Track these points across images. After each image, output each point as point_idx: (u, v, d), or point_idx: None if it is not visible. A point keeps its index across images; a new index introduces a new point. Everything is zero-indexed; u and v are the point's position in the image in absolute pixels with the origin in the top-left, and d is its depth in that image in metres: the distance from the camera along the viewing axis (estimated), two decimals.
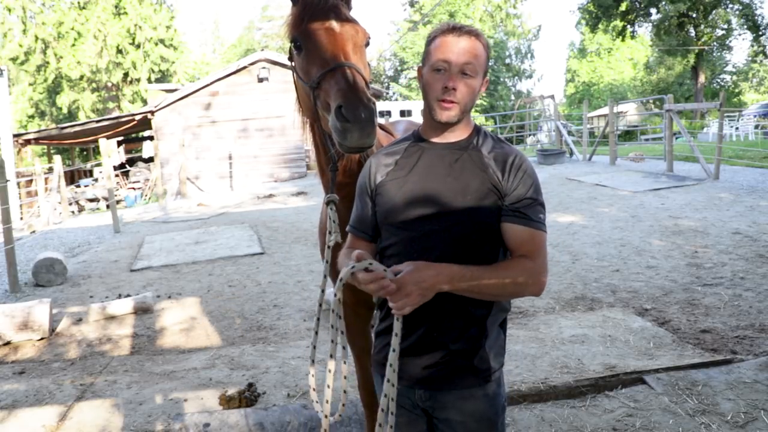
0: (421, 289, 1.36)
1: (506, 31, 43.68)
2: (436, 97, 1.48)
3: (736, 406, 2.92)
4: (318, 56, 1.65)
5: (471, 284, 1.41)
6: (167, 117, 17.59)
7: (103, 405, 3.36)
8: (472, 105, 1.52)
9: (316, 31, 1.66)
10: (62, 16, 31.56)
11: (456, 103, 1.47)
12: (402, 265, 1.40)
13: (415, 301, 1.37)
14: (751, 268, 5.38)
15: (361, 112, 1.47)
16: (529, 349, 3.85)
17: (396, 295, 1.36)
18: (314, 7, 1.68)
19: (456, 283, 1.39)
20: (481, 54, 1.50)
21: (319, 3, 1.68)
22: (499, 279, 1.43)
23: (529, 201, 1.49)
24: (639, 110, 31.33)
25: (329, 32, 1.66)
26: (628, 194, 9.54)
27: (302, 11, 1.70)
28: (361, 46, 1.70)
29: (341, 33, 1.66)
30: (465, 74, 1.47)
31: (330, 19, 1.67)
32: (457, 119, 1.50)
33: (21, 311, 4.65)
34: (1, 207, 6.59)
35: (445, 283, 1.38)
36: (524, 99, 29.03)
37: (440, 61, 1.47)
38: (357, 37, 1.69)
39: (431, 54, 1.50)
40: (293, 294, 5.67)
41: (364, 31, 1.73)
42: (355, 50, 1.66)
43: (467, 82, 1.47)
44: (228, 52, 56.31)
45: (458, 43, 1.47)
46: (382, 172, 1.59)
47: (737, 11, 32.06)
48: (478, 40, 1.50)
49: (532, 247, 1.48)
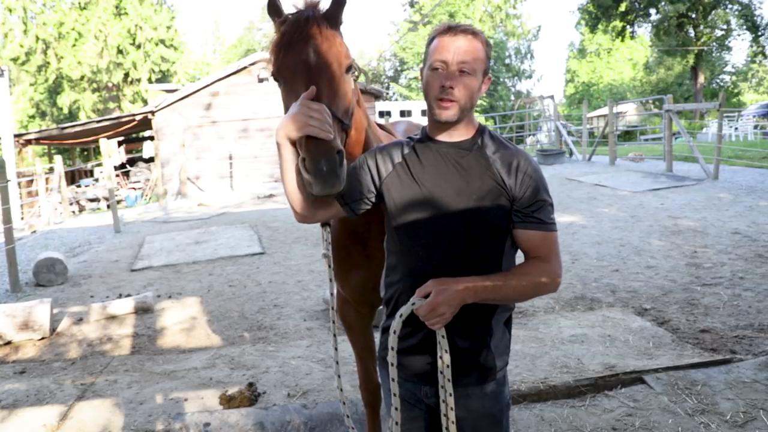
0: (452, 307, 1.43)
1: (506, 32, 43.68)
2: (435, 97, 1.50)
3: (736, 405, 2.93)
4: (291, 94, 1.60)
5: (494, 294, 1.47)
6: (168, 117, 17.60)
7: (104, 404, 3.37)
8: (472, 104, 1.52)
9: (289, 69, 1.60)
10: (63, 16, 31.56)
11: (454, 102, 1.49)
12: (428, 286, 1.46)
13: (448, 318, 1.45)
14: (751, 268, 5.39)
15: (322, 165, 1.42)
16: (529, 348, 3.86)
17: (429, 315, 1.43)
18: (291, 36, 1.60)
19: (481, 295, 1.46)
20: (479, 53, 1.50)
21: (295, 31, 1.60)
22: (519, 284, 1.49)
23: (539, 203, 1.52)
24: (638, 110, 31.32)
25: (303, 69, 1.58)
26: (628, 194, 9.55)
27: (280, 41, 1.63)
28: (339, 76, 1.61)
29: (317, 67, 1.57)
30: (463, 73, 1.48)
31: (307, 51, 1.58)
32: (456, 118, 1.51)
33: (22, 311, 4.66)
34: (1, 207, 6.60)
35: (471, 298, 1.45)
36: (524, 99, 29.04)
37: (437, 61, 1.49)
38: (335, 68, 1.60)
39: (430, 54, 1.52)
40: (293, 294, 5.67)
41: (344, 56, 1.63)
42: (331, 84, 1.58)
43: (465, 81, 1.48)
44: (228, 52, 56.30)
45: (455, 42, 1.48)
46: (389, 167, 1.60)
47: (736, 12, 32.10)
48: (476, 38, 1.50)
49: (546, 249, 1.53)
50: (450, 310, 1.43)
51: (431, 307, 1.42)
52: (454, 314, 1.45)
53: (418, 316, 1.46)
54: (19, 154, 18.99)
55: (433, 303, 1.42)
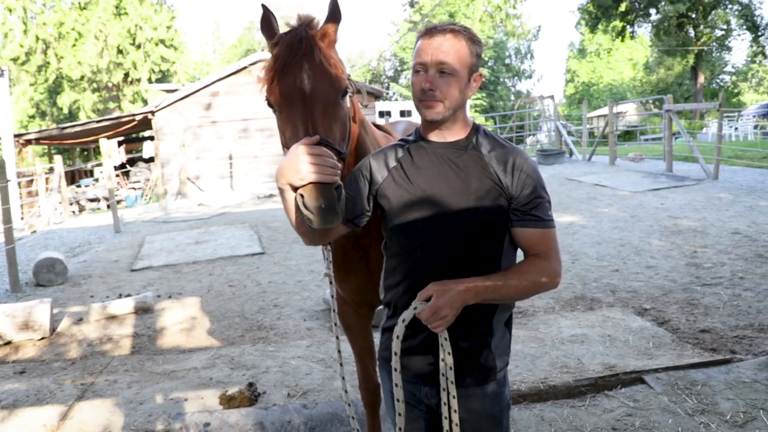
0: (454, 309, 1.44)
1: (506, 32, 43.69)
2: (418, 99, 1.51)
3: (736, 405, 2.93)
4: (287, 123, 1.58)
5: (495, 294, 1.47)
6: (168, 117, 17.60)
7: (104, 404, 3.37)
8: (459, 101, 1.51)
9: (284, 97, 1.58)
10: (63, 16, 31.57)
11: (438, 102, 1.49)
12: (428, 289, 1.46)
13: (451, 320, 1.45)
14: (751, 268, 5.39)
15: (321, 203, 1.43)
16: (529, 348, 3.86)
17: (432, 319, 1.44)
18: (285, 61, 1.57)
19: (482, 295, 1.46)
20: (461, 51, 1.49)
21: (289, 55, 1.57)
22: (519, 283, 1.49)
23: (537, 201, 1.51)
24: (638, 110, 31.33)
25: (297, 98, 1.55)
26: (628, 194, 9.55)
27: (273, 66, 1.60)
28: (335, 103, 1.59)
29: (311, 96, 1.55)
30: (443, 74, 1.48)
31: (302, 77, 1.55)
32: (443, 116, 1.50)
33: (22, 311, 4.66)
34: (1, 207, 6.60)
35: (472, 300, 1.45)
36: (524, 99, 29.05)
37: (417, 64, 1.50)
38: (330, 95, 1.57)
39: (413, 58, 1.54)
40: (293, 294, 5.67)
41: (340, 81, 1.60)
42: (327, 112, 1.56)
43: (446, 81, 1.48)
44: (228, 52, 56.27)
45: (432, 43, 1.48)
46: (384, 172, 1.60)
47: (736, 12, 32.10)
48: (457, 37, 1.49)
49: (545, 246, 1.53)
50: (452, 312, 1.43)
51: (433, 311, 1.43)
52: (456, 316, 1.45)
53: (421, 320, 1.47)
54: (19, 154, 19.00)
55: (435, 306, 1.43)
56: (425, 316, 1.44)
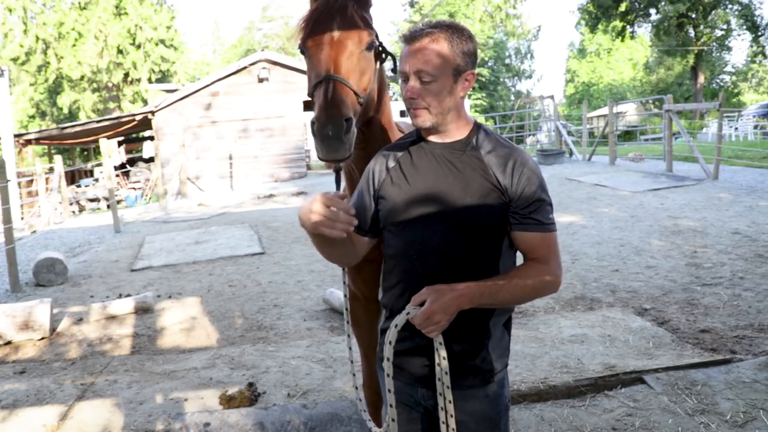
0: (448, 314, 1.42)
1: (506, 32, 43.70)
2: (406, 107, 1.52)
3: (736, 405, 2.93)
4: (313, 67, 1.69)
5: (491, 299, 1.45)
6: (168, 117, 17.60)
7: (104, 404, 3.37)
8: (449, 105, 1.49)
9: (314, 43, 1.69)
10: (63, 16, 31.57)
11: (424, 109, 1.48)
12: (423, 294, 1.44)
13: (444, 325, 1.43)
14: (751, 268, 5.39)
15: (328, 130, 1.49)
16: (529, 348, 3.86)
17: (425, 324, 1.42)
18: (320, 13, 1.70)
19: (477, 300, 1.44)
20: (439, 54, 1.45)
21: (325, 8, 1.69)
22: (516, 288, 1.47)
23: (537, 204, 1.49)
24: (638, 110, 31.33)
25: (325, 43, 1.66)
26: (628, 194, 9.55)
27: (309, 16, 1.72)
28: (359, 53, 1.67)
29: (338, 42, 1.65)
30: (423, 81, 1.46)
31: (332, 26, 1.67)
32: (431, 123, 1.49)
33: (22, 311, 4.66)
34: (1, 207, 6.60)
35: (467, 305, 1.43)
36: (524, 99, 29.03)
37: (401, 73, 1.51)
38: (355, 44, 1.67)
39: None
40: (293, 294, 5.67)
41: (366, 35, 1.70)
42: (350, 58, 1.65)
43: (428, 88, 1.46)
44: (228, 52, 56.31)
45: (410, 50, 1.48)
46: (383, 175, 1.59)
47: (736, 12, 32.10)
48: (435, 41, 1.46)
49: (545, 250, 1.50)
50: (446, 317, 1.41)
51: (426, 316, 1.40)
52: (450, 321, 1.43)
53: (414, 324, 1.45)
54: (19, 154, 18.99)
55: (428, 311, 1.40)
56: (418, 321, 1.42)
